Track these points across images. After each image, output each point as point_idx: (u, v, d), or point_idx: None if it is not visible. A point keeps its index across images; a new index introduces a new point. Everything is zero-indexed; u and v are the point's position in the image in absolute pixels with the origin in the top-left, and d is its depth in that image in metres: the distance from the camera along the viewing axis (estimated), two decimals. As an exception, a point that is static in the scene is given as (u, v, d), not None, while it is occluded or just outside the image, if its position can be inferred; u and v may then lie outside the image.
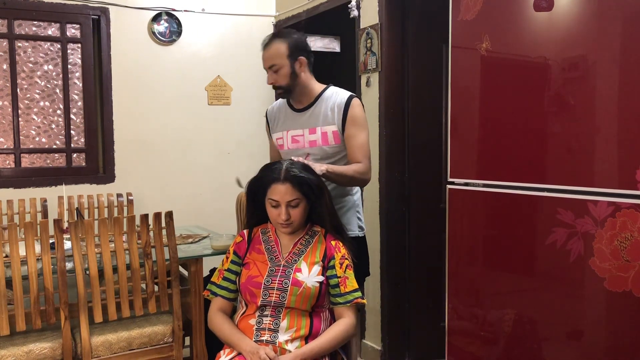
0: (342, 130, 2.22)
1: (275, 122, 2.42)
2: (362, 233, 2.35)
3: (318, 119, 2.26)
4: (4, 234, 2.28)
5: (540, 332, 1.88)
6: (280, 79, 2.24)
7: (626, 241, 1.61)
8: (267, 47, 2.27)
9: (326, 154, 2.25)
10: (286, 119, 2.36)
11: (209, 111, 4.19)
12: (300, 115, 2.31)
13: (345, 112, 2.21)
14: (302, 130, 2.29)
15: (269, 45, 2.27)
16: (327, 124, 2.24)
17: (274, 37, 2.29)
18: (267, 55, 2.26)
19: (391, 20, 3.16)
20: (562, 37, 1.76)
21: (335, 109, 2.23)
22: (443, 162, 3.11)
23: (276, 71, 2.24)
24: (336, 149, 2.25)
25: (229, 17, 4.22)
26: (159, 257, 2.50)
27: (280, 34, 2.30)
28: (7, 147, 3.71)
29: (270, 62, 2.25)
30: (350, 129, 2.21)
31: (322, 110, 2.25)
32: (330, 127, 2.23)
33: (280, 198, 1.85)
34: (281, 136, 2.36)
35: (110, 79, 3.86)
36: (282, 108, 2.40)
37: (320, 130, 2.25)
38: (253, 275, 1.87)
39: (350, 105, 2.22)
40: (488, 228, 2.08)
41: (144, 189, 3.96)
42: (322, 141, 2.25)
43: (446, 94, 2.93)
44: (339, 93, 2.27)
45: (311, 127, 2.27)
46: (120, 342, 2.47)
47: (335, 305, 1.89)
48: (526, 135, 1.89)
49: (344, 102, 2.23)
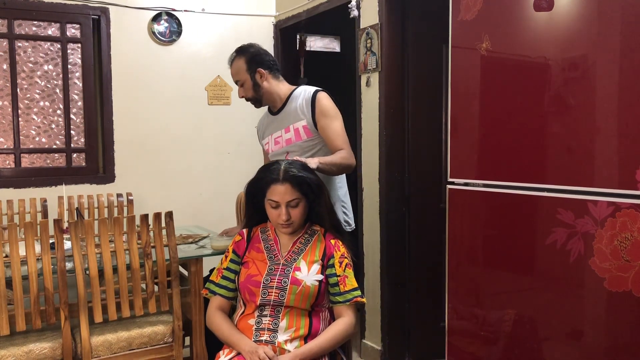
0: (314, 124, 2.35)
1: (262, 129, 2.61)
2: (350, 228, 2.47)
3: (289, 118, 2.41)
4: (4, 234, 2.28)
5: (540, 332, 1.88)
6: (246, 91, 2.47)
7: (626, 241, 1.61)
8: (230, 65, 2.49)
9: (302, 148, 2.38)
10: (269, 124, 2.55)
11: (209, 111, 4.19)
12: (276, 118, 2.50)
13: (313, 106, 2.35)
14: (280, 131, 2.46)
15: (231, 62, 2.49)
16: (297, 120, 2.38)
17: (235, 54, 2.49)
18: (231, 72, 2.49)
19: (391, 20, 3.16)
20: (562, 37, 1.76)
21: (304, 105, 2.37)
22: (443, 162, 3.11)
23: (242, 85, 2.47)
24: (310, 142, 2.38)
25: (229, 17, 4.22)
26: (159, 257, 2.50)
27: (239, 50, 2.49)
28: (7, 147, 3.71)
29: (235, 78, 2.49)
30: (321, 121, 2.34)
31: (292, 109, 2.40)
32: (300, 123, 2.38)
33: (280, 198, 1.85)
34: (267, 141, 2.55)
35: (110, 79, 3.86)
36: (265, 115, 2.61)
37: (292, 127, 2.40)
38: (252, 274, 1.87)
39: (317, 98, 2.36)
40: (488, 228, 2.08)
41: (144, 189, 3.95)
42: (296, 137, 2.39)
43: (446, 94, 2.93)
44: (306, 90, 2.42)
45: (285, 126, 2.43)
46: (120, 342, 2.47)
47: (335, 304, 1.88)
48: (526, 135, 1.89)
49: (310, 97, 2.37)
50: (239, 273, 1.93)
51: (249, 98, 2.49)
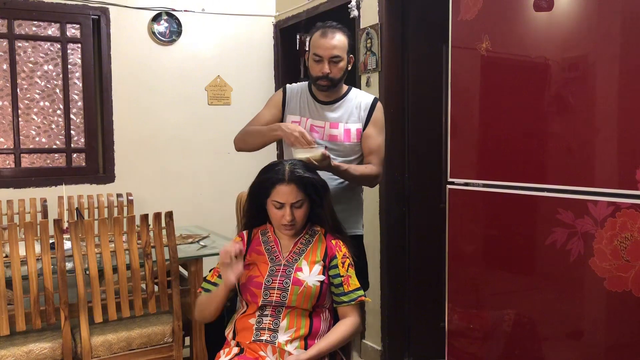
0: (363, 129, 2.27)
1: (294, 103, 2.35)
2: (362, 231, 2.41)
3: (343, 116, 2.29)
4: (4, 234, 2.28)
5: (540, 332, 1.88)
6: (337, 71, 2.21)
7: (626, 241, 1.61)
8: (331, 36, 2.19)
9: (347, 150, 2.27)
10: (308, 106, 2.32)
11: (209, 111, 4.20)
12: (325, 107, 2.30)
13: (371, 113, 2.28)
14: (324, 122, 2.28)
15: (334, 34, 2.20)
16: (352, 121, 2.28)
17: (338, 29, 2.22)
18: (332, 44, 2.18)
19: (391, 20, 3.16)
20: (562, 37, 1.76)
21: (362, 108, 2.29)
22: (443, 162, 3.11)
23: (337, 62, 2.20)
24: (356, 147, 2.28)
25: (229, 17, 4.22)
26: (159, 257, 2.50)
27: (342, 27, 2.25)
28: (7, 147, 3.71)
29: (336, 52, 2.19)
30: (370, 129, 2.27)
31: (348, 108, 2.29)
32: (355, 125, 2.27)
33: (285, 199, 1.84)
34: (298, 120, 2.30)
35: (110, 79, 3.87)
36: (304, 94, 2.35)
37: (343, 126, 2.27)
38: (253, 276, 1.86)
39: (376, 107, 2.30)
40: (488, 228, 2.08)
41: (144, 189, 3.96)
42: (345, 137, 2.27)
43: (446, 94, 2.93)
44: (363, 94, 2.35)
45: (334, 121, 2.28)
46: (120, 342, 2.47)
47: (339, 305, 1.88)
48: (526, 135, 1.89)
49: (370, 102, 2.30)
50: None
51: (333, 79, 2.21)
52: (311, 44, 2.25)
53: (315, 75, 2.22)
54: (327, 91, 2.27)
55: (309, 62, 2.26)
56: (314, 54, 2.20)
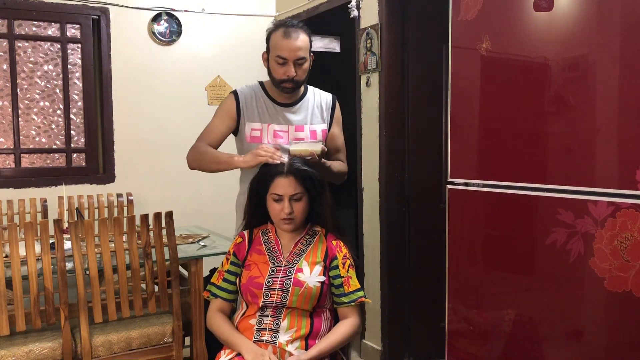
0: (328, 129, 2.30)
1: (250, 109, 2.22)
2: None
3: (306, 117, 2.25)
4: (4, 234, 2.28)
5: (540, 332, 1.88)
6: (302, 73, 2.13)
7: (626, 241, 1.61)
8: (295, 37, 2.09)
9: None
10: (268, 110, 2.22)
11: (209, 111, 4.16)
12: (285, 109, 2.22)
13: (333, 112, 2.30)
14: (287, 126, 2.21)
15: (297, 35, 2.09)
16: (317, 122, 2.27)
17: (300, 28, 2.12)
18: (297, 46, 2.08)
19: (391, 20, 3.16)
20: (562, 37, 1.76)
21: (324, 108, 2.29)
22: (443, 162, 3.11)
23: (302, 64, 2.12)
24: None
25: (229, 17, 4.22)
26: (159, 257, 2.50)
27: (303, 26, 2.14)
28: (7, 147, 3.71)
29: (300, 53, 2.09)
30: (335, 129, 2.31)
31: (309, 108, 2.26)
32: (320, 126, 2.28)
33: (283, 191, 1.85)
34: (259, 127, 2.20)
35: (110, 79, 3.87)
36: (259, 97, 2.24)
37: (309, 128, 2.24)
38: (254, 276, 1.86)
39: (336, 106, 2.32)
40: (488, 228, 2.08)
41: (144, 189, 3.96)
42: (311, 139, 2.23)
43: (446, 94, 2.93)
44: (320, 92, 2.33)
45: (298, 124, 2.23)
46: (120, 342, 2.47)
47: (340, 306, 1.89)
48: (526, 135, 1.89)
49: (330, 101, 2.31)
50: (239, 275, 1.92)
51: (298, 81, 2.14)
52: (272, 45, 2.13)
53: (280, 78, 2.13)
54: (291, 93, 2.19)
55: (269, 64, 2.17)
56: (278, 56, 2.09)
